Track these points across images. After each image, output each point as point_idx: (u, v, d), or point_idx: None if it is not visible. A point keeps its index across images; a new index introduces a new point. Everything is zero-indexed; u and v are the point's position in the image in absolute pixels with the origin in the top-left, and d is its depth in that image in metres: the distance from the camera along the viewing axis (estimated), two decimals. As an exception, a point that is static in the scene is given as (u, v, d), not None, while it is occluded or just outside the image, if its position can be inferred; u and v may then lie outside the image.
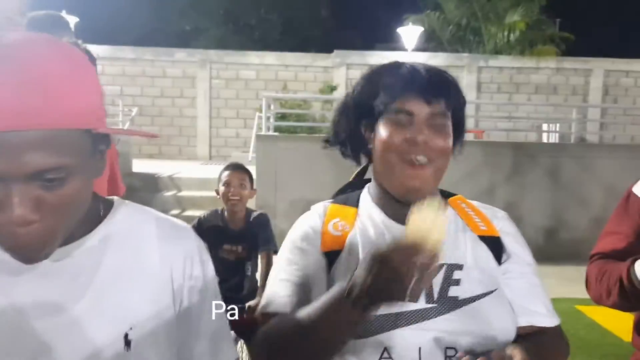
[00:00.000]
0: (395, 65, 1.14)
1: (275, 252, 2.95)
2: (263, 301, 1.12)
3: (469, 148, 6.65)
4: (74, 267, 0.82)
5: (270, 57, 15.27)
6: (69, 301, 0.81)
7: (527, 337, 1.07)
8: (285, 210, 6.86)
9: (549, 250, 6.51)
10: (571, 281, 1.31)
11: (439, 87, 1.08)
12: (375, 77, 1.14)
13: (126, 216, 0.90)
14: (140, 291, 0.86)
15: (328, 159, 7.31)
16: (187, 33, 20.62)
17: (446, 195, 1.23)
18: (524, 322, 1.09)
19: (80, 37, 2.78)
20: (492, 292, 1.06)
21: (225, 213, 2.97)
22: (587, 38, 16.65)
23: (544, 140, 12.18)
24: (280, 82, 14.80)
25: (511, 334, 1.06)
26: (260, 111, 9.47)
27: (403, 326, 1.00)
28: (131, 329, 0.83)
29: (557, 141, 11.02)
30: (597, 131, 13.05)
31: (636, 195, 1.40)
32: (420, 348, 1.00)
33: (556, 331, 1.14)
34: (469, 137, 11.71)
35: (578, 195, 7.41)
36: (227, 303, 1.04)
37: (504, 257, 1.13)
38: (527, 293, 1.11)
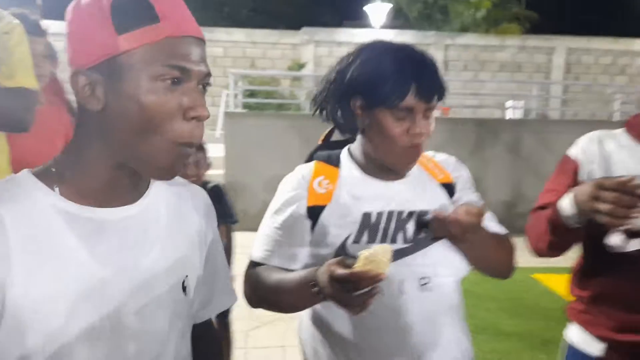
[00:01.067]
0: (401, 58, 1.24)
1: (233, 223, 2.95)
2: (252, 249, 1.35)
3: (435, 125, 6.96)
4: (143, 222, 0.88)
5: (239, 34, 15.18)
6: (142, 252, 0.86)
7: None
8: (255, 186, 6.95)
9: (509, 222, 6.69)
10: (528, 251, 1.46)
11: (438, 88, 1.25)
12: (380, 65, 1.24)
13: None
14: (187, 242, 0.95)
15: (297, 135, 7.41)
16: (153, 9, 20.34)
17: None
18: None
19: (47, 13, 2.79)
20: None
21: None
22: (550, 16, 17.00)
23: (509, 116, 12.50)
24: (249, 59, 14.77)
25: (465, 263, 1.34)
26: (228, 88, 9.47)
27: None
28: (187, 276, 0.93)
29: (521, 117, 11.32)
30: (559, 107, 13.45)
31: (569, 157, 1.56)
32: (401, 280, 1.25)
33: (507, 236, 1.42)
34: (436, 113, 11.96)
35: (538, 169, 7.68)
36: None
37: (456, 195, 1.39)
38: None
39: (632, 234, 1.41)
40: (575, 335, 1.60)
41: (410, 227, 1.29)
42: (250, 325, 4.07)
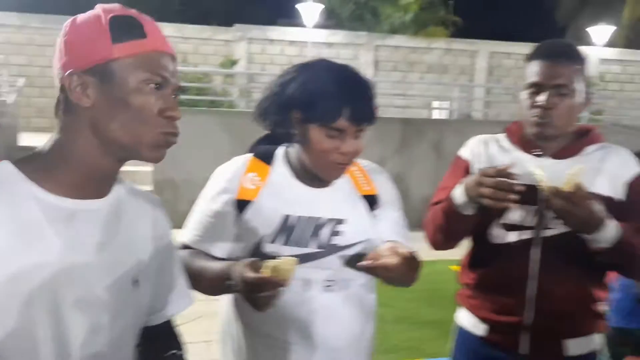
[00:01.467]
0: (339, 80, 1.32)
1: None
2: (184, 232, 1.45)
3: None
4: (107, 215, 0.99)
5: (169, 29, 14.88)
6: (107, 242, 0.98)
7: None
8: (185, 183, 6.92)
9: (432, 217, 7.09)
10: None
11: (369, 114, 1.34)
12: (318, 84, 1.32)
13: (123, 184, 1.07)
14: (141, 241, 1.06)
15: (228, 132, 7.43)
16: (78, 0, 19.53)
17: None
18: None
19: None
20: (363, 241, 1.43)
21: None
22: (475, 21, 17.71)
23: (435, 116, 12.98)
24: (180, 55, 14.39)
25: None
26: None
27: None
28: (140, 271, 1.03)
29: (447, 117, 11.80)
30: (482, 109, 14.09)
31: (460, 157, 1.75)
32: (307, 280, 1.37)
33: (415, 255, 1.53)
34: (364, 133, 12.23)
35: (459, 167, 8.09)
36: None
37: (379, 209, 1.49)
38: (392, 232, 1.49)
39: (509, 227, 1.60)
40: (464, 318, 1.78)
41: (325, 233, 1.39)
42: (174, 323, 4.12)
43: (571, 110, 1.56)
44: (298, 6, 15.26)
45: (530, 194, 1.48)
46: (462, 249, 1.81)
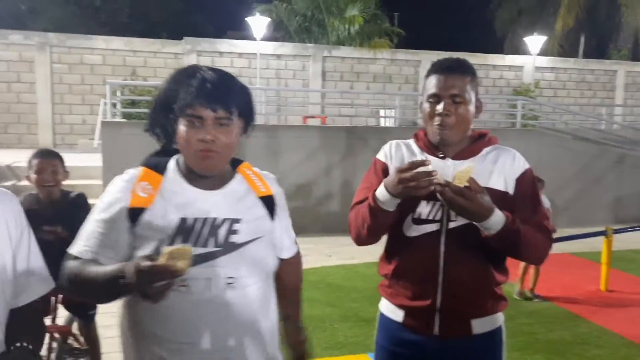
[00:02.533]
0: (190, 74, 1.42)
1: None
2: (73, 243, 1.48)
3: (310, 132, 7.66)
4: None
5: (118, 42, 14.79)
6: None
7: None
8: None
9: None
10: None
11: (222, 97, 1.41)
12: (175, 83, 1.43)
13: None
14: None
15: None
16: (22, 13, 19.04)
17: (236, 163, 1.61)
18: (285, 254, 1.69)
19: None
20: (259, 238, 1.51)
21: (39, 194, 2.93)
22: (417, 32, 18.25)
23: (382, 124, 13.35)
24: (129, 68, 14.45)
25: (272, 266, 1.59)
26: (106, 97, 9.32)
27: (196, 264, 1.36)
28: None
29: (395, 125, 12.14)
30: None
31: (379, 159, 1.94)
32: (208, 279, 1.41)
33: (298, 254, 1.77)
34: (314, 122, 12.50)
35: (403, 173, 8.41)
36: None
37: (276, 210, 1.61)
38: (286, 233, 1.69)
39: (419, 221, 1.80)
40: (384, 306, 1.95)
41: (222, 232, 1.44)
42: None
43: (465, 115, 1.78)
44: (247, 19, 15.39)
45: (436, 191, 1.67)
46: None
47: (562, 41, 20.56)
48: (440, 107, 1.76)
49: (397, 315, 1.89)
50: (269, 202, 1.59)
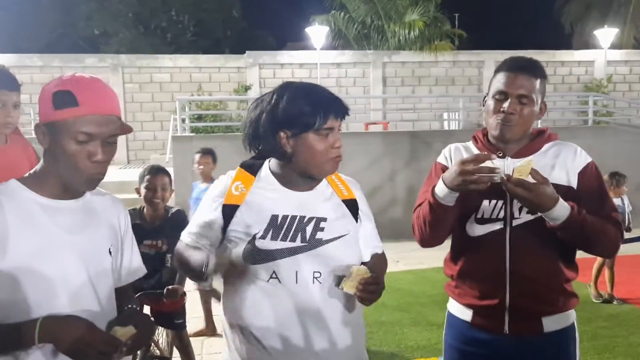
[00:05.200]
0: (310, 92, 1.58)
1: None
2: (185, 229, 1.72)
3: (373, 139, 7.68)
4: (80, 211, 1.42)
5: (184, 60, 15.35)
6: (80, 229, 1.41)
7: (372, 258, 1.77)
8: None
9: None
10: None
11: (345, 107, 1.60)
12: (300, 101, 1.55)
13: (93, 190, 1.50)
14: (108, 228, 1.51)
15: (243, 155, 7.71)
16: (96, 37, 20.11)
17: None
18: (369, 252, 1.77)
19: None
20: (344, 235, 1.64)
21: (145, 211, 3.12)
22: (479, 32, 17.87)
23: (445, 127, 13.14)
24: (195, 84, 14.93)
25: (357, 261, 1.68)
26: (176, 113, 9.70)
27: (285, 257, 1.56)
28: (111, 245, 1.49)
29: (458, 128, 11.94)
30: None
31: (439, 163, 1.96)
32: (296, 272, 1.56)
33: (383, 254, 1.84)
34: (377, 128, 12.48)
35: (469, 176, 8.24)
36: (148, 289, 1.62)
37: (359, 214, 1.73)
38: (370, 235, 1.78)
39: (482, 221, 1.80)
40: (452, 306, 1.97)
41: (309, 229, 1.59)
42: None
43: (529, 116, 1.78)
44: (307, 30, 15.60)
45: (497, 189, 1.68)
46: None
47: (637, 32, 19.54)
48: (506, 105, 1.76)
49: (466, 314, 1.90)
50: (352, 205, 1.71)
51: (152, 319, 1.50)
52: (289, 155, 1.58)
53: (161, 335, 3.51)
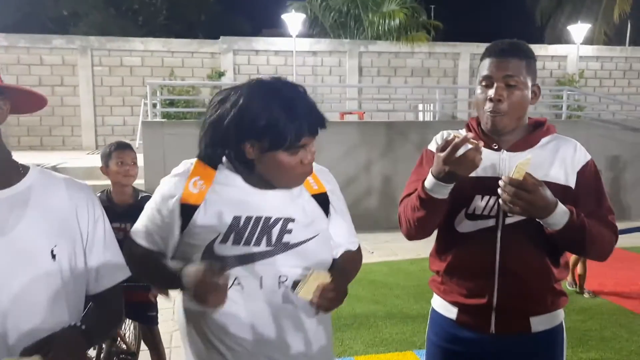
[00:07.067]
0: (285, 101, 1.34)
1: None
2: (133, 228, 1.55)
3: (349, 129, 7.61)
4: (9, 204, 1.18)
5: (156, 44, 15.02)
6: (8, 226, 1.17)
7: (341, 257, 1.61)
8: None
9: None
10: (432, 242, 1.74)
11: (322, 119, 1.41)
12: (271, 111, 1.33)
13: (40, 174, 1.28)
14: (57, 221, 1.24)
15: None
16: (64, 18, 19.57)
17: None
18: (340, 250, 1.62)
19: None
20: (315, 236, 1.48)
21: (111, 192, 2.99)
22: (455, 24, 17.94)
23: (420, 119, 13.18)
24: (167, 69, 14.65)
25: (328, 263, 1.53)
26: (146, 98, 9.47)
27: (249, 263, 1.40)
28: (55, 246, 1.21)
29: (432, 120, 11.98)
30: (466, 109, 14.29)
31: (430, 150, 1.84)
32: (261, 277, 1.41)
33: (358, 250, 1.69)
34: (352, 118, 12.42)
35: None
36: None
37: (330, 208, 1.57)
38: (342, 230, 1.62)
39: (473, 217, 1.71)
40: (436, 302, 1.89)
41: (275, 232, 1.42)
42: (174, 327, 4.27)
43: (520, 101, 1.66)
44: (283, 16, 15.41)
45: (491, 185, 1.59)
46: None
47: (608, 29, 19.88)
48: (492, 91, 1.66)
49: (451, 312, 1.83)
50: (322, 200, 1.55)
51: (81, 343, 1.20)
52: (253, 164, 1.42)
53: (128, 328, 3.37)
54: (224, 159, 1.48)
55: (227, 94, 1.42)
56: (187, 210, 1.42)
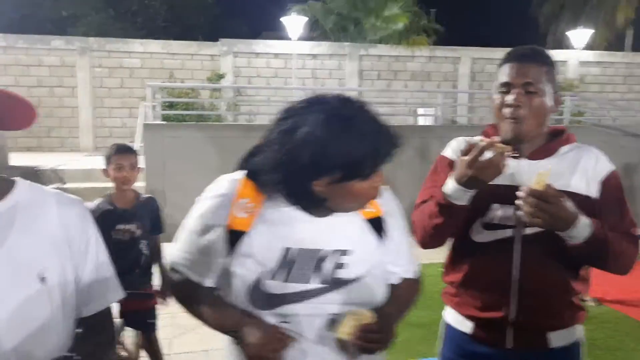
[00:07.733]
0: (362, 127, 1.20)
1: (158, 234, 3.16)
2: (173, 257, 1.41)
3: None
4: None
5: (155, 45, 14.97)
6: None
7: (393, 288, 1.45)
8: (174, 197, 6.97)
9: (420, 222, 7.20)
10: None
11: (397, 140, 1.27)
12: (346, 143, 1.17)
13: (28, 189, 1.18)
14: (46, 242, 1.14)
15: (215, 145, 7.52)
16: (63, 19, 19.49)
17: None
18: (395, 279, 1.45)
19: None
20: (369, 271, 1.34)
21: (114, 196, 2.99)
22: (456, 28, 17.93)
23: (420, 123, 13.12)
24: (167, 71, 14.59)
25: (383, 299, 1.38)
26: (146, 100, 9.40)
27: (297, 302, 1.28)
28: (44, 269, 1.12)
29: (432, 124, 11.92)
30: (466, 114, 14.26)
31: (445, 156, 1.80)
32: (311, 316, 1.29)
33: (416, 280, 1.52)
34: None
35: (445, 172, 8.22)
36: (122, 283, 1.33)
37: (386, 231, 1.41)
38: (398, 254, 1.45)
39: (490, 226, 1.65)
40: (450, 316, 1.83)
41: (327, 266, 1.29)
42: (173, 333, 4.20)
43: (540, 108, 1.61)
44: (282, 19, 15.36)
45: (509, 194, 1.53)
46: (446, 251, 1.85)
47: (608, 35, 19.91)
48: (510, 97, 1.61)
49: (466, 326, 1.76)
50: (377, 225, 1.40)
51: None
52: (319, 197, 1.25)
53: (128, 335, 3.31)
54: None
55: (278, 123, 1.25)
56: (234, 237, 1.28)
